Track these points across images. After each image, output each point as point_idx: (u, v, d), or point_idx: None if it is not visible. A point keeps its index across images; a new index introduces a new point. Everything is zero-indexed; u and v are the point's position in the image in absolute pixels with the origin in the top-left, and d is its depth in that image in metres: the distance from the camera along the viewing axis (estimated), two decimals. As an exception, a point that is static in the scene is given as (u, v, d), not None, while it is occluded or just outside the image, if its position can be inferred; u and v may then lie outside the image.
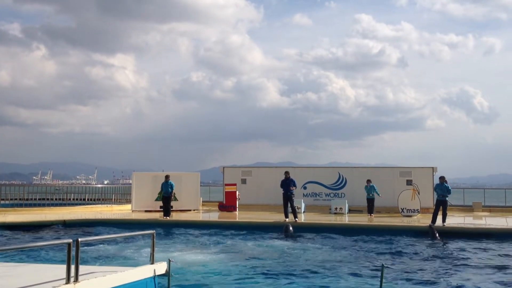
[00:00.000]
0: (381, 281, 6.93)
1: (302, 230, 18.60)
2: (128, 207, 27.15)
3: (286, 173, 21.00)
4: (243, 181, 29.12)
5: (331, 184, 28.58)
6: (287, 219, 19.97)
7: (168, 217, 21.86)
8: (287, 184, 20.53)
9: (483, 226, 19.34)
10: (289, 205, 20.36)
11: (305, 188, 28.42)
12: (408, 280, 10.59)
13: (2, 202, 28.38)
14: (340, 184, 28.51)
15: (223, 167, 30.03)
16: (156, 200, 25.46)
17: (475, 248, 15.17)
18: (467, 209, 28.17)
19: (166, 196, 22.73)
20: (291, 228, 18.49)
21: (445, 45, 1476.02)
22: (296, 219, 19.95)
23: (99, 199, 30.92)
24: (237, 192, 26.55)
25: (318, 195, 28.48)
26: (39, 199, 29.53)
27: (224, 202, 26.62)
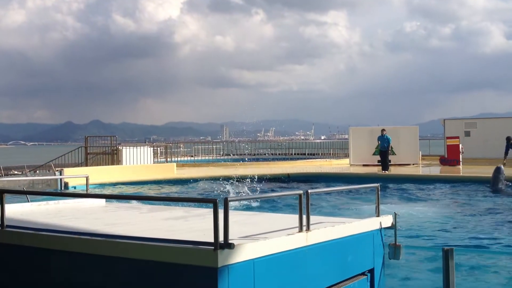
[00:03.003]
0: None
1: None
2: (346, 161, 27.61)
3: (508, 139, 19.30)
4: (467, 134, 27.39)
5: None
6: None
7: (387, 171, 21.72)
8: None
9: None
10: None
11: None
12: None
13: (233, 157, 31.39)
14: None
15: (444, 120, 28.53)
16: (374, 154, 25.40)
17: None
18: None
19: (383, 150, 22.63)
20: None
21: None
22: None
23: (318, 154, 32.11)
24: (460, 145, 25.01)
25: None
26: (264, 154, 31.92)
27: (446, 156, 25.35)
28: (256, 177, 15.59)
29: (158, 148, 29.73)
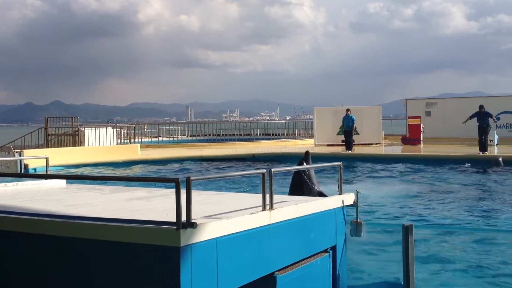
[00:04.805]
0: None
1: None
2: (310, 141, 27.84)
3: (481, 107, 19.87)
4: (428, 114, 28.03)
5: (530, 114, 25.88)
6: (481, 153, 18.96)
7: (350, 151, 22.01)
8: (484, 116, 19.57)
9: None
10: (482, 137, 19.48)
11: (498, 119, 26.14)
12: None
13: (198, 137, 31.23)
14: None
15: (406, 100, 29.04)
16: (338, 134, 25.71)
17: None
18: None
19: (347, 130, 22.91)
20: (501, 161, 17.41)
21: None
22: (483, 152, 18.94)
23: (283, 134, 32.26)
24: (421, 125, 25.55)
25: (514, 127, 26.08)
26: (229, 135, 31.84)
27: (408, 135, 25.86)
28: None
29: (122, 129, 29.26)
